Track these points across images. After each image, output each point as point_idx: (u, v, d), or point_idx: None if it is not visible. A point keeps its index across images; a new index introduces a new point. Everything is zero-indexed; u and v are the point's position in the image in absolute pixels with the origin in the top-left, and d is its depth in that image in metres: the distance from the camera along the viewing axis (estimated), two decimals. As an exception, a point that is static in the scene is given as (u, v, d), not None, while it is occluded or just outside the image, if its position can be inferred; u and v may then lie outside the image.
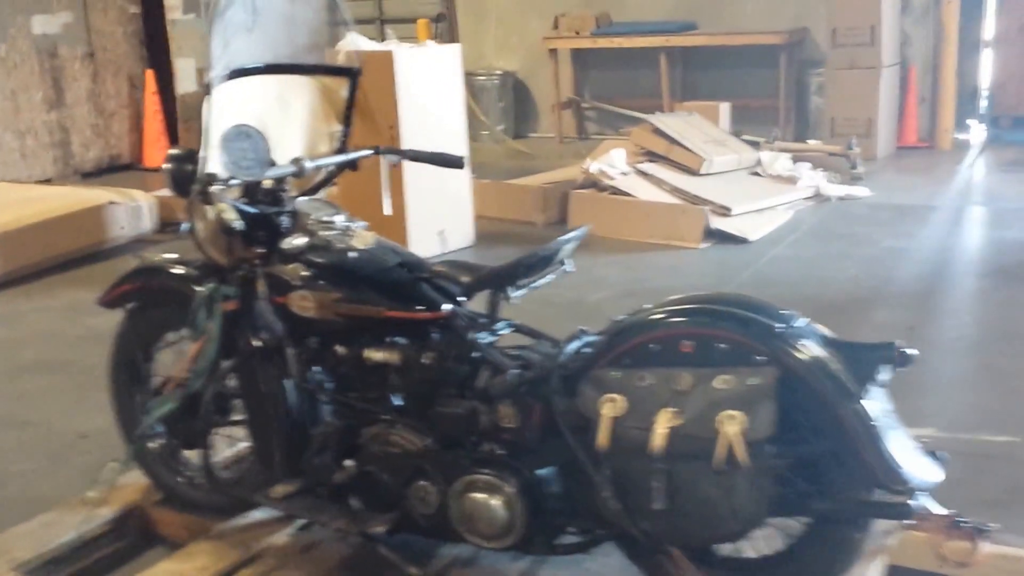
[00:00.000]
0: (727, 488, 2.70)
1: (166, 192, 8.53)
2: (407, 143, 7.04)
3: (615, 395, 2.84)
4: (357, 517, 3.36)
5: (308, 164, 3.38)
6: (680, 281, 6.99)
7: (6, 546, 3.68)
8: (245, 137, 3.17)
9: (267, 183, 3.37)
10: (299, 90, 3.57)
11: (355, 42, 7.25)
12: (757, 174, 9.30)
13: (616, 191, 8.60)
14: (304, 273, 3.31)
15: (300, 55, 3.58)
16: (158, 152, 12.16)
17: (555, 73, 13.13)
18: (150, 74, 12.51)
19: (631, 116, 11.18)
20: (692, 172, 8.83)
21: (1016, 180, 9.86)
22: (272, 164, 3.26)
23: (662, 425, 2.74)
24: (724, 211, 8.26)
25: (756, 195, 8.76)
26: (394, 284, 3.30)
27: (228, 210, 3.14)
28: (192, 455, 3.84)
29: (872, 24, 10.83)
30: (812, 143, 11.02)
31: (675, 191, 8.54)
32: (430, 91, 7.80)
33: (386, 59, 7.45)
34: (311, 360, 3.40)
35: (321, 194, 3.63)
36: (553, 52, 13.09)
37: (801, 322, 2.85)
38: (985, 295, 6.65)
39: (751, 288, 6.68)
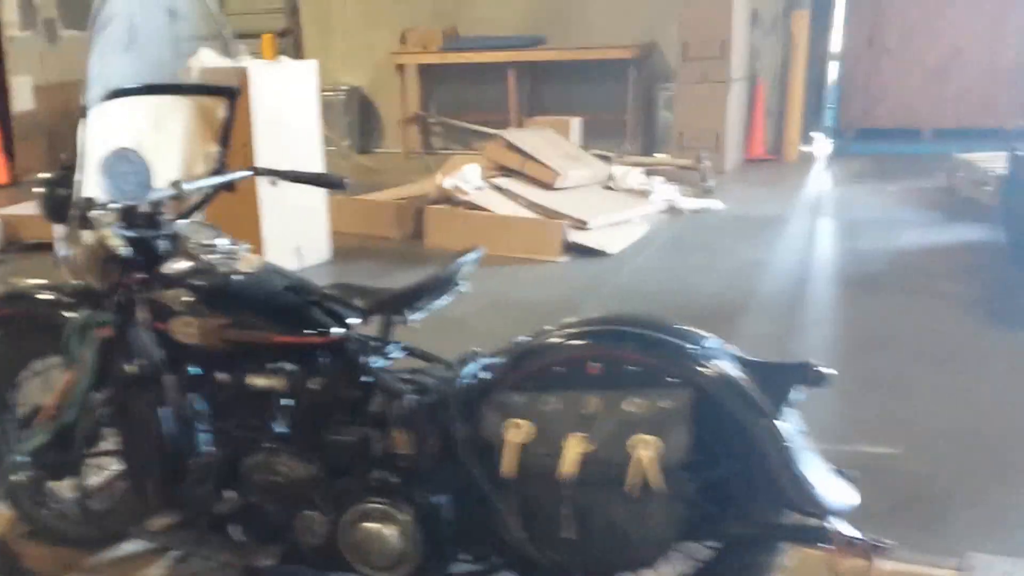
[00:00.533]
0: (639, 514, 2.65)
1: (10, 211, 8.36)
2: (261, 161, 6.90)
3: (520, 420, 2.77)
4: (242, 549, 3.25)
5: (187, 186, 3.27)
6: (543, 294, 6.99)
7: None
8: (126, 160, 3.04)
9: (145, 206, 3.24)
10: (175, 111, 3.45)
11: (208, 59, 7.15)
12: (610, 188, 9.38)
13: (472, 206, 8.56)
14: (186, 298, 3.18)
15: (171, 74, 3.46)
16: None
17: (402, 88, 13.07)
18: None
19: (479, 131, 11.18)
20: (547, 187, 8.88)
21: (862, 191, 10.13)
22: (152, 187, 3.14)
23: (572, 450, 2.67)
24: (581, 224, 8.28)
25: (611, 209, 8.81)
26: (282, 308, 3.19)
27: (112, 236, 3.00)
28: (61, 486, 3.68)
29: (722, 38, 10.98)
30: (661, 156, 11.14)
31: (532, 205, 8.55)
32: (285, 108, 7.66)
33: (240, 76, 7.26)
34: (191, 387, 3.27)
35: (197, 216, 3.51)
36: (400, 67, 13.03)
37: (713, 342, 2.81)
38: (844, 305, 6.74)
39: (616, 301, 6.71)
